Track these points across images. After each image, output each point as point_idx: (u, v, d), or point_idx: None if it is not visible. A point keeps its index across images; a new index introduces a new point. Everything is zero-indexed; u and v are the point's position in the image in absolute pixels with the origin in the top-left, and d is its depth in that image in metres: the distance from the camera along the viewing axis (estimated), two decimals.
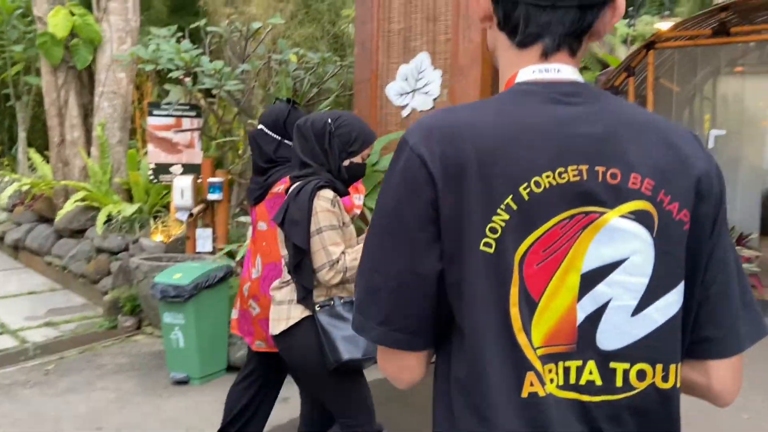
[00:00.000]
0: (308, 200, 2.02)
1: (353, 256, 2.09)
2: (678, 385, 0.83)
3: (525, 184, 0.77)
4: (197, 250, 4.86)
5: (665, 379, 0.81)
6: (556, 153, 0.78)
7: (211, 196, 4.73)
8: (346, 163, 2.16)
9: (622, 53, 12.88)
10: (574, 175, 0.78)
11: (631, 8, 19.22)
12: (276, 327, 2.15)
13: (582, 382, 0.80)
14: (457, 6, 5.05)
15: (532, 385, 0.78)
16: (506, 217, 0.77)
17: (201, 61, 5.17)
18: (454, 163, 0.78)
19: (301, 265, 2.06)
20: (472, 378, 0.79)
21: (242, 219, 5.13)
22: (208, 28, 6.00)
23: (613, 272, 0.79)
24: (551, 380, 0.79)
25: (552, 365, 0.79)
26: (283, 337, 2.14)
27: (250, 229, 2.84)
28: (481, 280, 0.78)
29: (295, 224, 2.03)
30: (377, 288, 0.83)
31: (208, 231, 4.83)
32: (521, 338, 0.78)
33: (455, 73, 5.38)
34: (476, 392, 0.79)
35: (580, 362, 0.79)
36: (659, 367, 0.81)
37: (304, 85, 5.86)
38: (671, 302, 0.81)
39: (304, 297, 2.09)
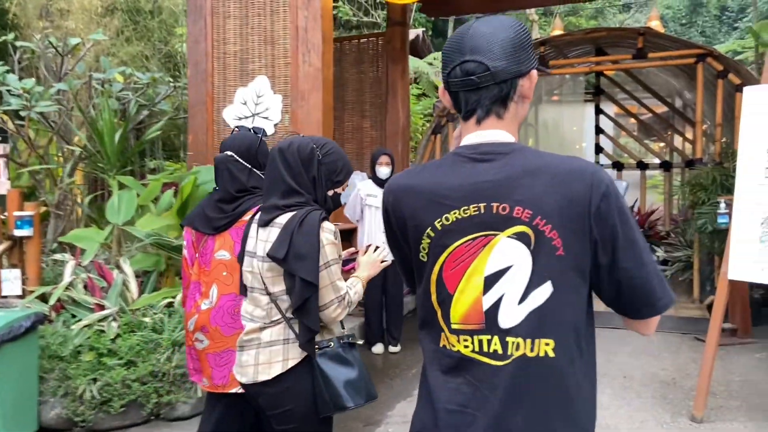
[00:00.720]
0: (317, 232, 1.91)
1: (355, 289, 2.06)
2: (542, 353, 1.14)
3: (438, 220, 1.19)
4: (3, 294, 4.20)
5: (532, 349, 1.14)
6: (462, 197, 1.17)
7: (19, 232, 4.12)
8: (330, 192, 2.08)
9: None
10: (474, 211, 1.16)
11: None
12: (268, 370, 1.95)
13: (490, 350, 1.16)
14: (296, 30, 4.95)
15: (443, 340, 1.21)
16: (428, 241, 1.21)
17: (7, 79, 4.56)
18: (396, 214, 1.27)
19: (306, 303, 1.91)
20: (421, 337, 1.28)
21: (60, 257, 4.54)
22: (17, 43, 5.32)
23: (505, 275, 1.15)
24: (465, 346, 1.17)
25: (467, 336, 1.17)
26: (276, 382, 1.95)
27: (187, 259, 2.63)
28: (420, 279, 1.25)
29: (303, 258, 1.89)
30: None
31: (16, 272, 4.19)
32: (438, 315, 1.21)
33: (296, 98, 5.25)
34: (423, 348, 1.28)
35: (488, 336, 1.16)
36: (528, 341, 1.14)
37: (131, 106, 5.39)
38: (539, 295, 1.14)
39: (309, 340, 1.94)
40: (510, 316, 1.15)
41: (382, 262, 2.24)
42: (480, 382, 1.16)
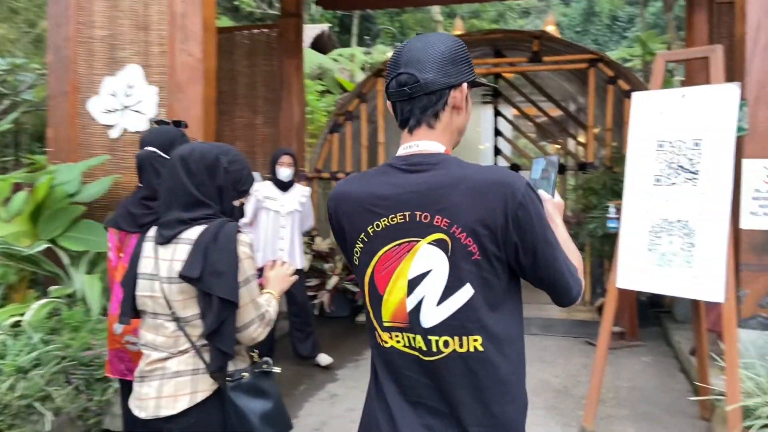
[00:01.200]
0: (234, 246, 1.77)
1: (273, 307, 1.94)
2: (472, 349, 1.24)
3: (370, 226, 1.29)
4: None
5: (461, 346, 1.24)
6: (391, 206, 1.27)
7: None
8: (237, 203, 1.93)
9: (361, 79, 13.33)
10: (401, 219, 1.26)
11: (367, 37, 20.40)
12: (173, 404, 1.76)
13: (417, 346, 1.27)
14: (172, 16, 4.48)
15: (378, 338, 1.33)
16: (361, 245, 1.32)
17: None
18: (336, 218, 1.37)
19: (222, 325, 1.74)
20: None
21: None
22: None
23: (425, 278, 1.25)
24: (398, 341, 1.29)
25: (398, 333, 1.29)
26: (181, 417, 1.77)
27: (111, 261, 2.54)
28: (358, 280, 1.37)
29: (220, 275, 1.73)
30: None
31: None
32: (371, 314, 1.34)
33: (173, 90, 4.78)
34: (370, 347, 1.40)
35: (413, 335, 1.27)
36: (456, 338, 1.24)
37: None
38: (459, 297, 1.23)
39: (221, 367, 1.78)
40: (430, 316, 1.25)
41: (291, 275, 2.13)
42: (415, 374, 1.28)
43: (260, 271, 2.17)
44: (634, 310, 5.42)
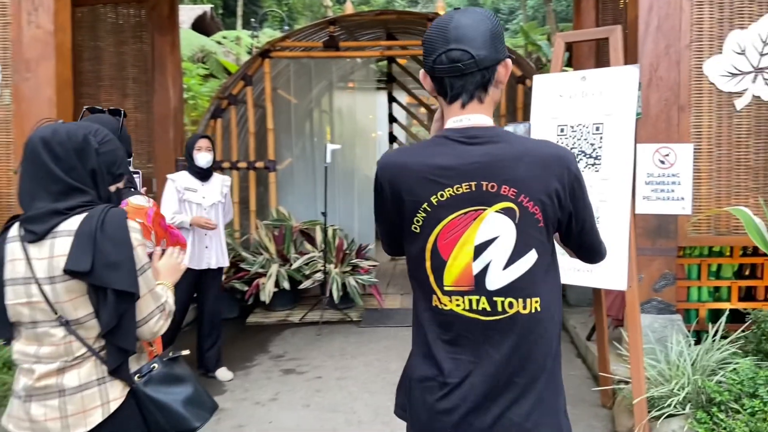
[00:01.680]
0: (126, 233, 1.62)
1: (170, 297, 1.80)
2: (533, 310, 1.35)
3: (433, 196, 1.35)
4: None
5: (524, 307, 1.35)
6: (455, 176, 1.34)
7: None
8: (112, 188, 1.76)
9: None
10: (466, 188, 1.34)
11: (254, 20, 19.56)
12: (83, 421, 1.61)
13: (479, 308, 1.36)
14: None
15: (435, 300, 1.39)
16: (423, 215, 1.36)
17: None
18: (392, 189, 1.39)
19: (122, 320, 1.60)
20: (414, 304, 1.47)
21: None
22: None
23: (492, 244, 1.34)
24: (457, 305, 1.36)
25: (459, 297, 1.36)
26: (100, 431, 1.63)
27: None
28: (411, 248, 1.41)
29: (115, 266, 1.58)
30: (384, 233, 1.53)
31: None
32: (431, 279, 1.38)
33: (20, 69, 4.12)
34: (416, 308, 1.46)
35: (477, 297, 1.36)
36: (520, 300, 1.35)
37: None
38: (525, 261, 1.35)
39: (120, 366, 1.64)
40: (496, 279, 1.33)
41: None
42: (472, 334, 1.34)
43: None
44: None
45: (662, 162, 3.68)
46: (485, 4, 34.38)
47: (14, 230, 1.67)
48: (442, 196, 1.33)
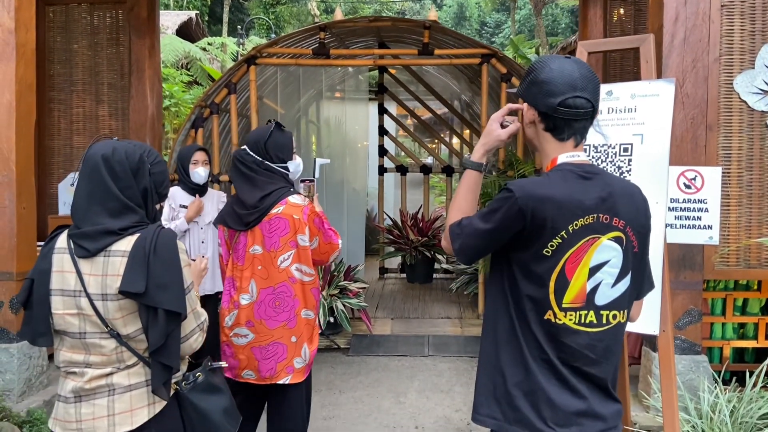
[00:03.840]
0: (176, 255, 1.70)
1: (204, 313, 1.86)
2: (623, 320, 1.62)
3: (570, 225, 1.52)
4: None
5: (623, 318, 1.61)
6: (585, 209, 1.53)
7: None
8: (158, 207, 1.83)
9: None
10: (591, 220, 1.54)
11: (240, 27, 19.18)
12: (129, 420, 1.67)
13: (587, 321, 1.55)
14: None
15: (550, 314, 1.55)
16: (559, 240, 1.52)
17: None
18: (533, 216, 1.51)
19: (168, 339, 1.66)
20: (515, 317, 1.60)
21: None
22: None
23: (604, 267, 1.55)
24: (570, 319, 1.54)
25: (572, 313, 1.54)
26: (143, 431, 1.69)
27: (223, 256, 2.76)
28: (533, 269, 1.55)
29: (165, 288, 1.65)
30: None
31: None
32: (551, 297, 1.54)
33: None
34: (518, 319, 1.59)
35: (586, 311, 1.55)
36: (623, 312, 1.60)
37: None
38: (627, 281, 1.59)
39: (165, 382, 1.70)
40: (604, 297, 1.56)
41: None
42: (578, 345, 1.54)
43: None
44: None
45: (688, 186, 3.34)
46: (472, 17, 34.38)
47: (62, 242, 1.72)
48: (576, 225, 1.53)
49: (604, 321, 1.56)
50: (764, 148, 3.43)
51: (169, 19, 14.90)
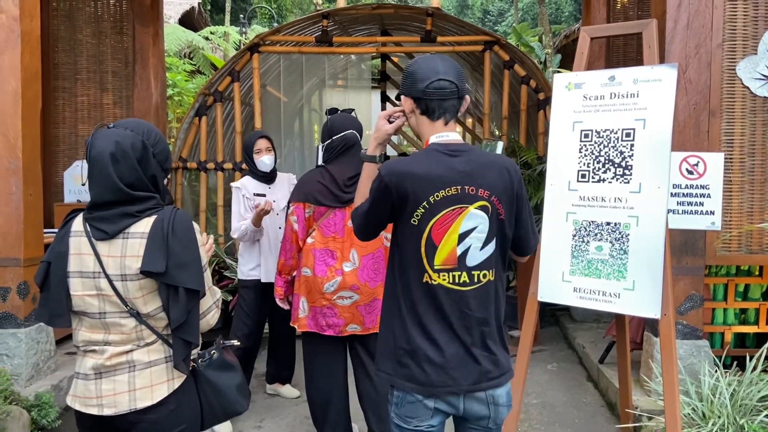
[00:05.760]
0: (193, 234, 1.76)
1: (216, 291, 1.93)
2: (493, 278, 1.82)
3: (431, 196, 1.74)
4: None
5: (492, 276, 1.82)
6: (446, 182, 1.75)
7: None
8: (165, 182, 1.87)
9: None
10: (454, 191, 1.76)
11: (242, 16, 19.11)
12: (150, 395, 1.74)
13: (460, 281, 1.77)
14: None
15: (426, 277, 1.78)
16: (422, 210, 1.75)
17: None
18: (397, 190, 1.75)
19: (189, 316, 1.73)
20: (400, 282, 1.82)
21: None
22: None
23: (472, 232, 1.78)
24: (444, 279, 1.77)
25: (445, 274, 1.77)
26: (160, 406, 1.75)
27: (298, 232, 2.99)
28: (408, 236, 1.78)
29: (185, 267, 1.71)
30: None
31: None
32: (423, 260, 1.77)
33: None
34: (401, 284, 1.82)
35: (459, 272, 1.78)
36: (491, 271, 1.81)
37: None
38: (492, 245, 1.81)
39: (185, 357, 1.77)
40: (474, 259, 1.78)
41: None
42: (454, 301, 1.77)
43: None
44: (536, 314, 5.04)
45: (690, 172, 3.36)
46: (474, 5, 34.16)
47: (78, 225, 1.76)
48: (437, 196, 1.75)
49: (476, 280, 1.77)
50: (767, 134, 3.44)
51: (172, 9, 14.85)
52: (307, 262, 2.95)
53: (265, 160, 3.76)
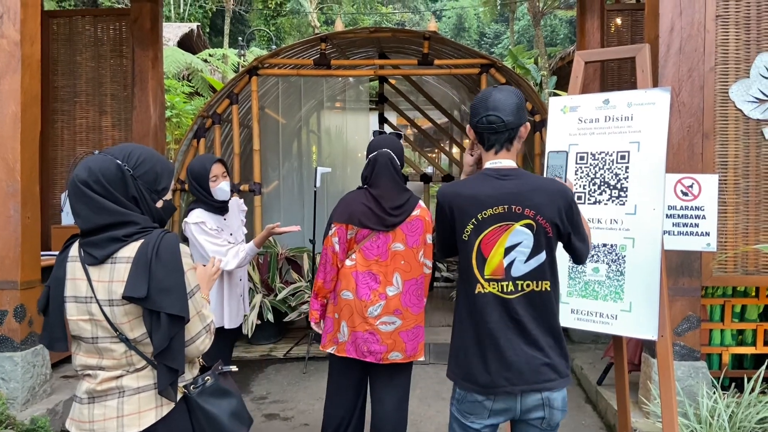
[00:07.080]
0: (179, 258, 1.71)
1: (211, 316, 1.87)
2: (543, 289, 1.95)
3: (479, 214, 1.95)
4: None
5: (537, 287, 1.95)
6: (493, 202, 1.95)
7: None
8: (159, 204, 1.83)
9: None
10: (501, 210, 1.94)
11: (241, 39, 19.29)
12: (137, 422, 1.72)
13: (507, 290, 1.94)
14: None
15: (479, 287, 1.96)
16: (471, 227, 1.97)
17: None
18: (449, 209, 2.01)
19: (172, 342, 1.69)
20: (462, 292, 2.04)
21: None
22: None
23: (517, 247, 1.94)
24: (494, 288, 1.94)
25: (495, 283, 1.94)
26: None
27: (338, 254, 2.92)
28: (462, 250, 2.01)
29: (168, 292, 1.67)
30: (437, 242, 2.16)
31: None
32: (475, 271, 1.97)
33: None
34: (462, 294, 2.03)
35: (506, 282, 1.95)
36: (534, 282, 1.95)
37: None
38: (538, 259, 1.95)
39: (172, 383, 1.73)
40: (518, 270, 1.94)
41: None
42: (504, 308, 1.93)
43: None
44: None
45: (685, 194, 3.38)
46: (471, 28, 34.58)
47: (74, 250, 1.76)
48: (485, 214, 1.95)
49: (520, 288, 1.94)
50: (760, 156, 3.47)
51: (171, 31, 15.00)
52: (348, 285, 2.85)
53: (223, 187, 3.14)
